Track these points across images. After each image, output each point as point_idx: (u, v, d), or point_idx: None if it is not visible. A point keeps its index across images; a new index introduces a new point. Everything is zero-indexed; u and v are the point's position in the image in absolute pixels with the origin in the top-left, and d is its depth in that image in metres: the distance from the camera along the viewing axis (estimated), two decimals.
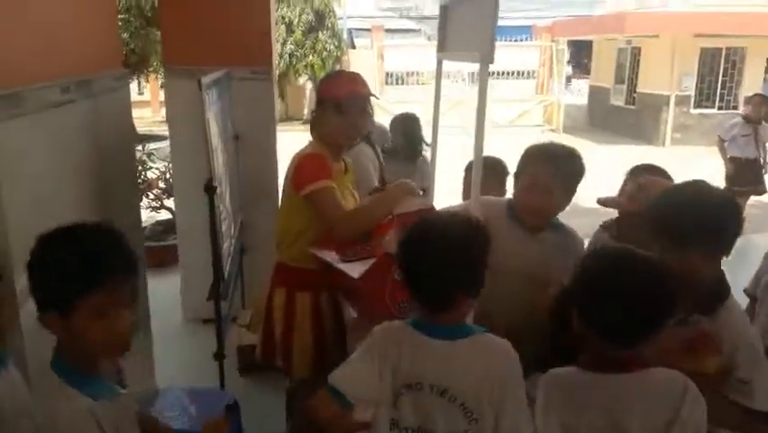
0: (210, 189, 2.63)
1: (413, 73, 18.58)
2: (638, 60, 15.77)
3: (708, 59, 14.46)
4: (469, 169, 2.91)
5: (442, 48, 2.47)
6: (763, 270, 2.29)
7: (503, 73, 17.37)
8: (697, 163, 11.17)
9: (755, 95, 6.88)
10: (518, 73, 17.61)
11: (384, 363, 1.49)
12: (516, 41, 18.17)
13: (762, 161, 6.47)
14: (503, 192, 2.47)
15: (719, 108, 14.54)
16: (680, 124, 14.49)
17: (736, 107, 14.04)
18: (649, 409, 1.34)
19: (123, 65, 3.44)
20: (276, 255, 2.37)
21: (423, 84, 17.60)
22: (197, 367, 3.23)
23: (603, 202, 2.19)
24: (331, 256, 2.04)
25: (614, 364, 1.37)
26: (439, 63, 2.57)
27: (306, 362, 2.23)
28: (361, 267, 1.92)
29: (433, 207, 2.08)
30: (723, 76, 14.56)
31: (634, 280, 1.32)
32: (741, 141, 6.32)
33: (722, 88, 14.62)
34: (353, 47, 19.68)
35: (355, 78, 2.25)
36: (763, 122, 6.43)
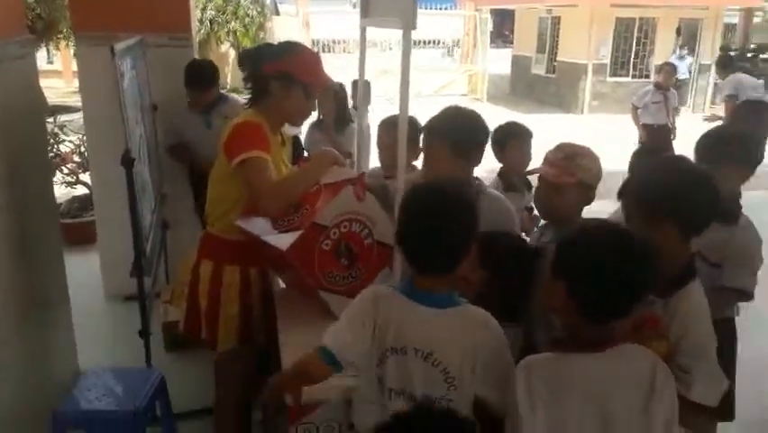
0: (127, 162, 2.53)
1: (339, 41, 18.34)
2: (558, 30, 16.13)
3: (623, 29, 14.97)
4: (381, 125, 2.99)
5: (365, 14, 2.43)
6: None
7: (429, 42, 17.41)
8: (612, 130, 11.68)
9: (666, 63, 7.20)
10: (442, 42, 17.68)
11: (372, 328, 1.53)
12: (442, 9, 18.19)
13: (670, 125, 6.83)
14: (416, 150, 2.47)
15: (633, 77, 15.11)
16: (597, 92, 14.98)
17: (648, 76, 14.67)
18: (629, 387, 1.37)
19: (29, 31, 3.23)
20: (200, 227, 2.32)
21: (350, 52, 17.39)
22: (122, 346, 3.15)
23: (531, 171, 2.24)
24: (258, 227, 2.01)
25: (589, 343, 1.38)
26: (363, 30, 2.53)
27: (232, 334, 2.21)
28: (289, 239, 1.90)
29: (361, 176, 2.07)
30: (636, 45, 15.13)
31: (624, 255, 1.32)
32: (653, 108, 6.65)
33: (635, 57, 15.20)
34: (277, 13, 19.13)
35: (322, 63, 2.19)
36: (672, 89, 6.78)
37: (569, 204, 1.97)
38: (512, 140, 3.08)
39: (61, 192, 5.29)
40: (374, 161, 3.34)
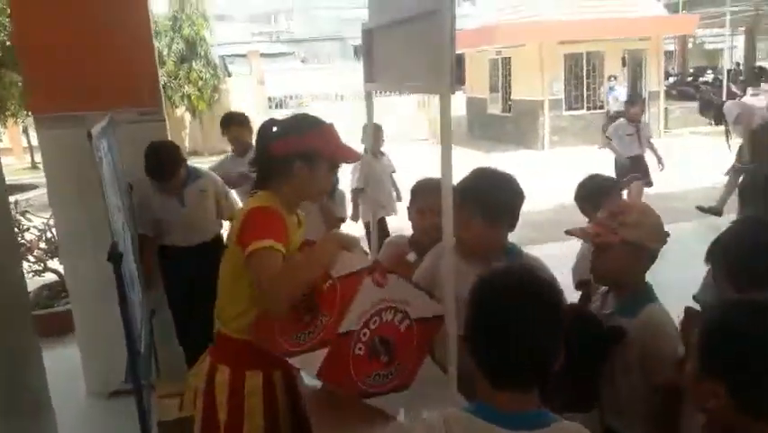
0: (115, 258, 2.31)
1: (292, 96, 18.42)
2: (509, 70, 16.51)
3: (573, 64, 15.41)
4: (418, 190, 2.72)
5: (370, 77, 2.28)
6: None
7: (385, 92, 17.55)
8: (577, 162, 11.85)
9: (635, 96, 7.41)
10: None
11: None
12: None
13: (654, 155, 6.99)
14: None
15: (588, 109, 15.53)
16: (555, 126, 15.29)
17: (602, 107, 15.13)
18: None
19: None
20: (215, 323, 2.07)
21: (305, 106, 17.45)
22: None
23: (570, 232, 2.06)
24: (280, 347, 1.76)
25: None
26: (369, 96, 2.39)
27: None
28: (316, 360, 1.69)
29: (378, 264, 1.85)
30: (587, 78, 15.57)
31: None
32: (627, 140, 6.76)
33: (587, 90, 15.63)
34: (229, 74, 19.13)
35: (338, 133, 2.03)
36: (643, 120, 6.95)
37: (620, 266, 1.83)
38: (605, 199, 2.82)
39: (28, 281, 4.94)
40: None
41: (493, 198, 1.92)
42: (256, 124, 2.30)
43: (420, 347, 1.83)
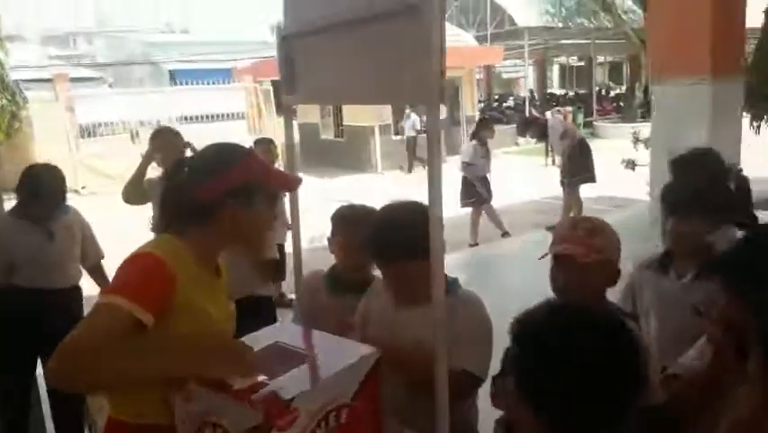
0: None
1: (103, 124, 16.87)
2: None
3: None
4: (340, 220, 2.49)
5: (291, 89, 2.01)
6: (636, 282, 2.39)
7: (211, 116, 16.82)
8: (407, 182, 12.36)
9: (486, 119, 7.83)
10: (227, 115, 17.23)
11: None
12: (215, 83, 17.78)
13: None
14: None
15: (418, 133, 16.23)
16: (385, 151, 15.76)
17: (425, 131, 15.81)
18: None
19: None
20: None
21: (118, 134, 16.15)
22: None
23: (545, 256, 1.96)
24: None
25: None
26: (287, 110, 2.11)
27: None
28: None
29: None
30: (410, 105, 16.26)
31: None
32: (481, 162, 7.10)
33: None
34: (25, 100, 16.99)
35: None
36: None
37: (597, 283, 1.81)
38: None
39: None
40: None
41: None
42: (66, 156, 1.87)
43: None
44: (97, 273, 3.39)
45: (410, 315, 1.79)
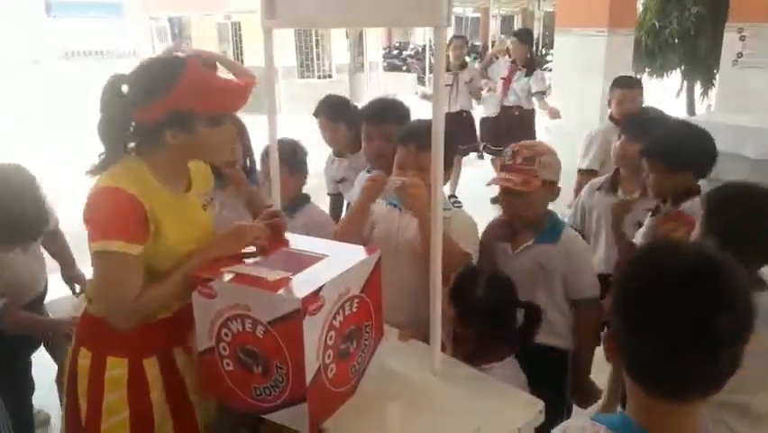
0: None
1: None
2: (240, 35, 16.22)
3: (303, 34, 15.82)
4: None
5: (271, 14, 1.98)
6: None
7: (99, 52, 15.73)
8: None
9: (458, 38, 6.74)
10: (118, 52, 16.17)
11: None
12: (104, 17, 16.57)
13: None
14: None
15: (319, 77, 16.15)
16: (289, 93, 15.57)
17: (330, 75, 15.87)
18: None
19: None
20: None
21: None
22: None
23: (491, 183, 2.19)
24: (244, 402, 1.59)
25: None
26: (268, 32, 2.13)
27: None
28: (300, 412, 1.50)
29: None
30: (316, 48, 16.15)
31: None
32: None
33: (318, 59, 16.23)
34: None
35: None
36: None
37: (540, 204, 2.04)
38: None
39: None
40: None
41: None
42: None
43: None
44: None
45: (412, 219, 1.97)
